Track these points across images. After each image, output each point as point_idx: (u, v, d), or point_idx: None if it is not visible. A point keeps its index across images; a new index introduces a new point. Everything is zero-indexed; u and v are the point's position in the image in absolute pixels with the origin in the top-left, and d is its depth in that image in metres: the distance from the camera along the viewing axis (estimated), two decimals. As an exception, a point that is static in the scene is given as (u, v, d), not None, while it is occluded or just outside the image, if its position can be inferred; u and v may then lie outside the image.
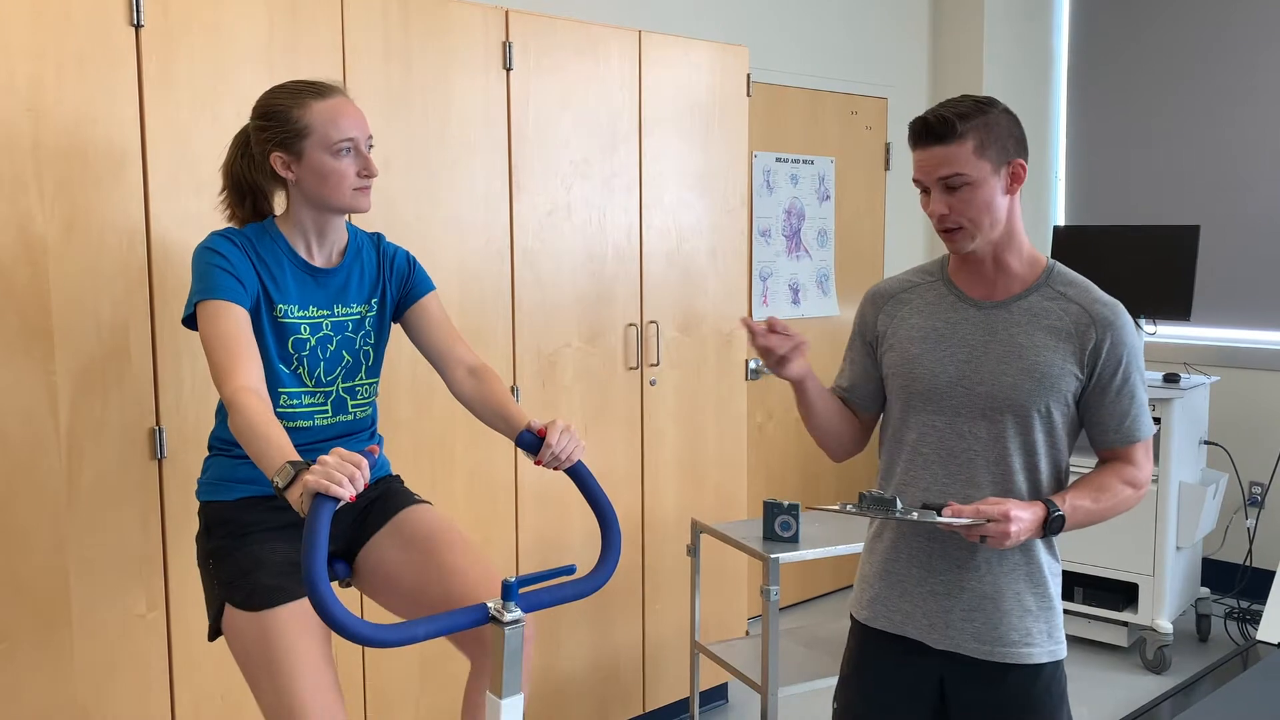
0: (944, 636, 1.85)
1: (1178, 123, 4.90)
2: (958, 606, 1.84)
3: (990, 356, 1.81)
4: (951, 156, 1.74)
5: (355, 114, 1.92)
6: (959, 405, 1.83)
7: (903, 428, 1.90)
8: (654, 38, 3.21)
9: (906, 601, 1.89)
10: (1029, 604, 1.83)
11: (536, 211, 2.97)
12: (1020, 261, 1.85)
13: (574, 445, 1.89)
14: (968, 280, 1.88)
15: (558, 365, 3.05)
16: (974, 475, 1.82)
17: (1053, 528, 1.75)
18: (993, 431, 1.81)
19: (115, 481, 2.28)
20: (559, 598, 1.71)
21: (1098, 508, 1.80)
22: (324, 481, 1.52)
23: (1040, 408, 1.79)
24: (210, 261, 1.86)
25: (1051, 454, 1.83)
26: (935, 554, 1.86)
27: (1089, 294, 1.82)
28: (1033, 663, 1.83)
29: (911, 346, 1.88)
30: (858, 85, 4.80)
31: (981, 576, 1.83)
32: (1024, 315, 1.82)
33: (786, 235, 4.54)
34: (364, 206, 1.95)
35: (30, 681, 2.19)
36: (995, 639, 1.83)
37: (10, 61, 2.10)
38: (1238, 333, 4.77)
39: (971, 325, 1.84)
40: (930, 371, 1.85)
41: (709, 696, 3.69)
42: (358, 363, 2.05)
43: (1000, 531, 1.69)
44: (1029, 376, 1.78)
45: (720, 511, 3.51)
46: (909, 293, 1.94)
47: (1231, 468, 4.64)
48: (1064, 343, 1.79)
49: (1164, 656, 3.94)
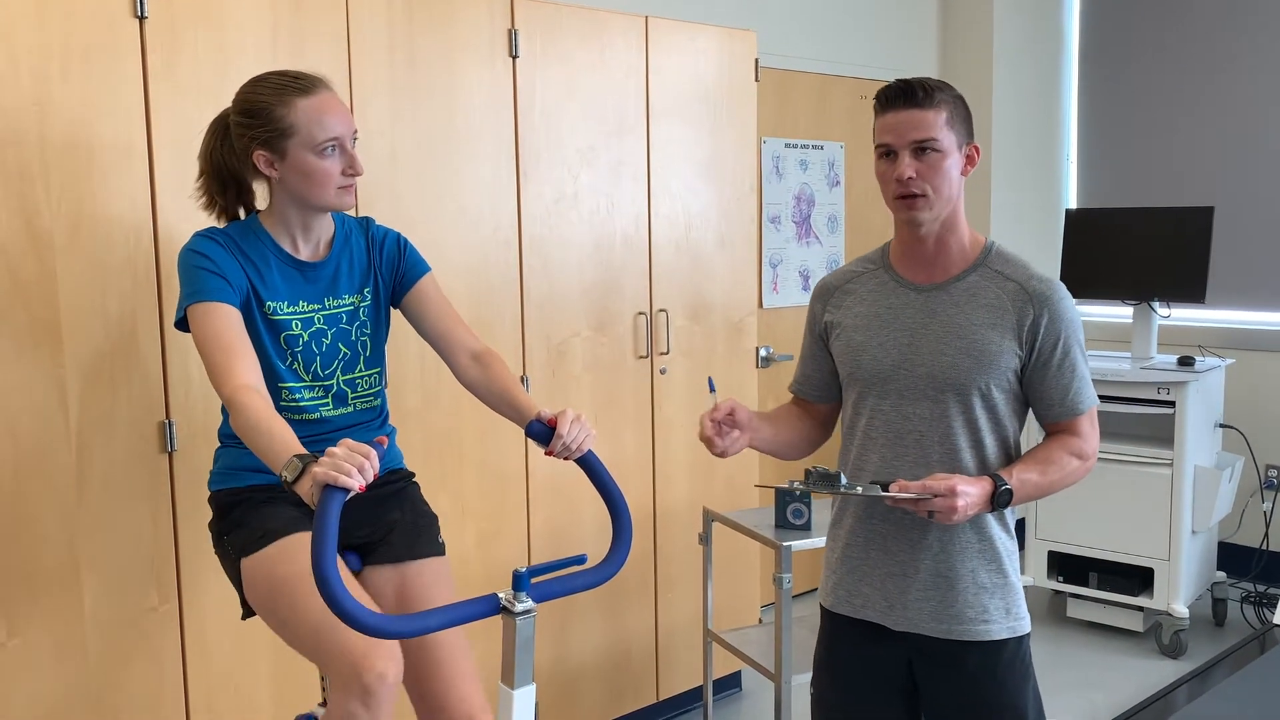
0: (902, 618, 1.88)
1: (1191, 104, 4.85)
2: (914, 587, 1.87)
3: (930, 337, 1.85)
4: (928, 121, 1.77)
5: (340, 110, 1.88)
6: (902, 387, 1.86)
7: (855, 414, 1.94)
8: (661, 23, 3.19)
9: (865, 585, 1.92)
10: (984, 581, 1.86)
11: (544, 200, 2.95)
12: (960, 244, 1.88)
13: (585, 435, 1.88)
14: (908, 265, 1.91)
15: (567, 354, 3.04)
16: (921, 455, 1.86)
17: (1000, 501, 1.78)
18: (936, 411, 1.84)
19: (126, 475, 2.28)
20: (570, 588, 1.71)
21: (1045, 480, 1.83)
22: (332, 473, 1.51)
23: (980, 385, 1.82)
24: (195, 264, 1.84)
25: (996, 430, 1.86)
26: (891, 536, 1.89)
27: (1025, 271, 1.86)
28: (991, 639, 1.86)
29: (856, 334, 1.92)
30: (867, 69, 4.76)
31: (935, 556, 1.86)
32: (962, 295, 1.86)
33: (796, 221, 4.51)
34: (348, 205, 1.92)
35: (44, 675, 2.20)
36: (951, 617, 1.86)
37: (15, 55, 2.10)
38: (1253, 315, 4.73)
39: (912, 309, 1.88)
40: (873, 357, 1.89)
41: (722, 685, 3.68)
42: (355, 355, 2.02)
43: (947, 506, 1.72)
44: (967, 355, 1.82)
45: (732, 500, 3.50)
46: (853, 283, 1.98)
47: (1247, 451, 4.60)
48: (1002, 320, 1.82)
49: (1180, 641, 3.92)
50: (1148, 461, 4.01)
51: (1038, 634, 4.19)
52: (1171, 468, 3.95)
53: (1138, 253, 4.20)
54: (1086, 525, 4.12)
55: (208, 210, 2.00)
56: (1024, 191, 5.17)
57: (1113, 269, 4.25)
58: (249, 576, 1.89)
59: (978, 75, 5.03)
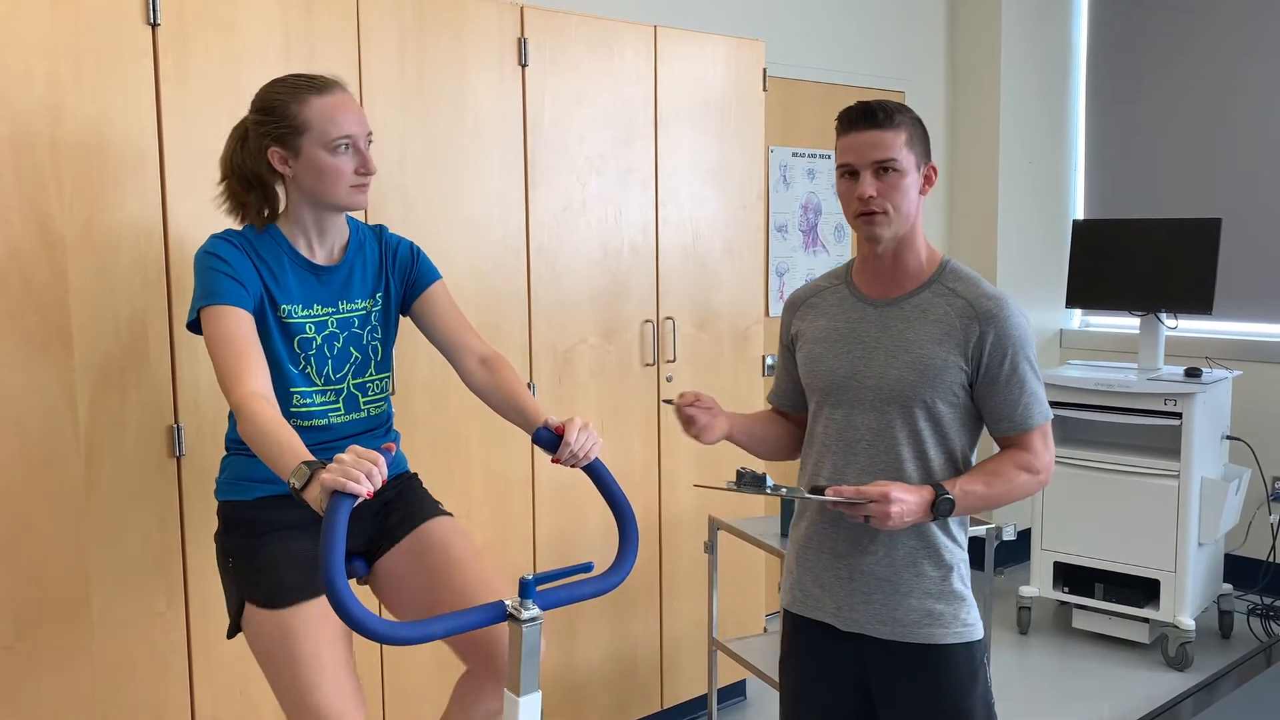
0: (850, 619, 1.93)
1: (1198, 116, 4.85)
2: (859, 590, 1.92)
3: (880, 351, 1.91)
4: (889, 141, 1.83)
5: (354, 110, 1.90)
6: (853, 399, 1.92)
7: (813, 421, 2.01)
8: (669, 33, 3.20)
9: (818, 586, 1.98)
10: (929, 588, 1.90)
11: (552, 207, 2.96)
12: (917, 260, 1.94)
13: (592, 443, 1.88)
14: (868, 281, 1.97)
15: (574, 362, 3.05)
16: (869, 464, 1.91)
17: (940, 510, 1.82)
18: (881, 422, 1.90)
19: (134, 479, 2.28)
20: (577, 595, 1.71)
21: (991, 492, 1.87)
22: (341, 479, 1.52)
23: (924, 398, 1.87)
24: (211, 266, 1.85)
25: (942, 443, 1.90)
26: (840, 540, 1.94)
27: (976, 288, 1.90)
28: (936, 643, 1.89)
29: (815, 346, 1.99)
30: (874, 79, 4.77)
31: (879, 560, 1.91)
32: (913, 311, 1.91)
33: (803, 230, 4.52)
34: (361, 204, 1.94)
35: (51, 678, 2.20)
36: (895, 620, 1.90)
37: (28, 60, 2.11)
38: (1260, 327, 4.72)
39: (868, 323, 1.94)
40: (828, 368, 1.95)
41: (727, 693, 3.68)
42: (366, 359, 2.03)
43: (881, 512, 1.77)
44: (912, 369, 1.87)
45: (737, 508, 3.50)
46: (818, 297, 2.05)
47: (1254, 463, 4.59)
48: (948, 336, 1.87)
49: (1186, 653, 3.91)
50: (1154, 473, 4.00)
51: (1043, 644, 4.18)
52: (1178, 479, 3.94)
53: (1145, 264, 4.19)
54: (1092, 536, 4.11)
55: (231, 215, 2.01)
56: (1031, 202, 5.16)
57: (1120, 280, 4.24)
58: (254, 624, 1.89)
59: (985, 85, 5.04)
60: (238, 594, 1.93)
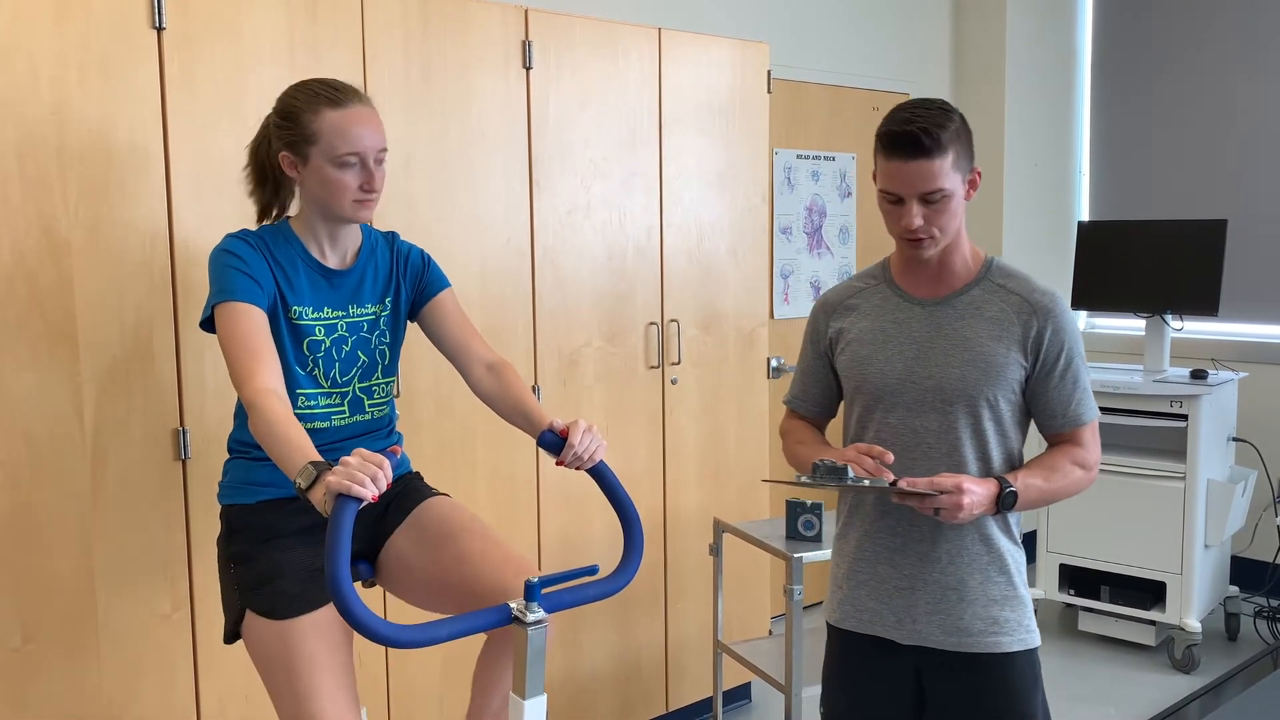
0: (911, 632, 1.88)
1: (1204, 116, 4.84)
2: (922, 600, 1.87)
3: (937, 351, 1.87)
4: (937, 171, 1.75)
5: (368, 126, 1.89)
6: (910, 400, 1.87)
7: (860, 427, 1.95)
8: (674, 35, 3.20)
9: (873, 600, 1.92)
10: (994, 594, 1.87)
11: (557, 210, 2.96)
12: (962, 259, 1.90)
13: (596, 445, 1.89)
14: (912, 280, 1.93)
15: (579, 364, 3.05)
16: (929, 467, 1.86)
17: (1005, 503, 1.80)
18: (943, 423, 1.86)
19: (140, 482, 2.29)
20: (582, 598, 1.71)
21: (1050, 486, 1.85)
22: (346, 482, 1.52)
23: (987, 397, 1.84)
24: (226, 264, 1.86)
25: (1002, 442, 1.88)
26: (898, 549, 1.89)
27: (1028, 284, 1.88)
28: (1001, 652, 1.86)
29: (861, 348, 1.93)
30: (879, 81, 4.77)
31: (944, 568, 1.86)
32: (967, 309, 1.87)
33: (808, 232, 4.51)
34: (365, 218, 1.94)
35: (57, 681, 2.20)
36: (961, 630, 1.86)
37: (34, 65, 2.11)
38: (1266, 328, 4.71)
39: (918, 323, 1.90)
40: (880, 370, 1.90)
41: (732, 696, 3.67)
42: (373, 363, 2.04)
43: (953, 503, 1.73)
44: (974, 367, 1.84)
45: (742, 510, 3.50)
46: (856, 298, 1.99)
47: (1260, 464, 4.58)
48: (1006, 332, 1.85)
49: (1192, 656, 3.90)
50: (1160, 475, 3.99)
51: (1049, 647, 4.17)
52: (1184, 481, 3.93)
53: (1150, 266, 4.19)
54: (1098, 538, 4.10)
55: (250, 197, 2.04)
56: (1037, 204, 5.16)
57: (1125, 282, 4.23)
58: (254, 632, 1.89)
59: (990, 87, 5.03)
60: (239, 600, 1.93)
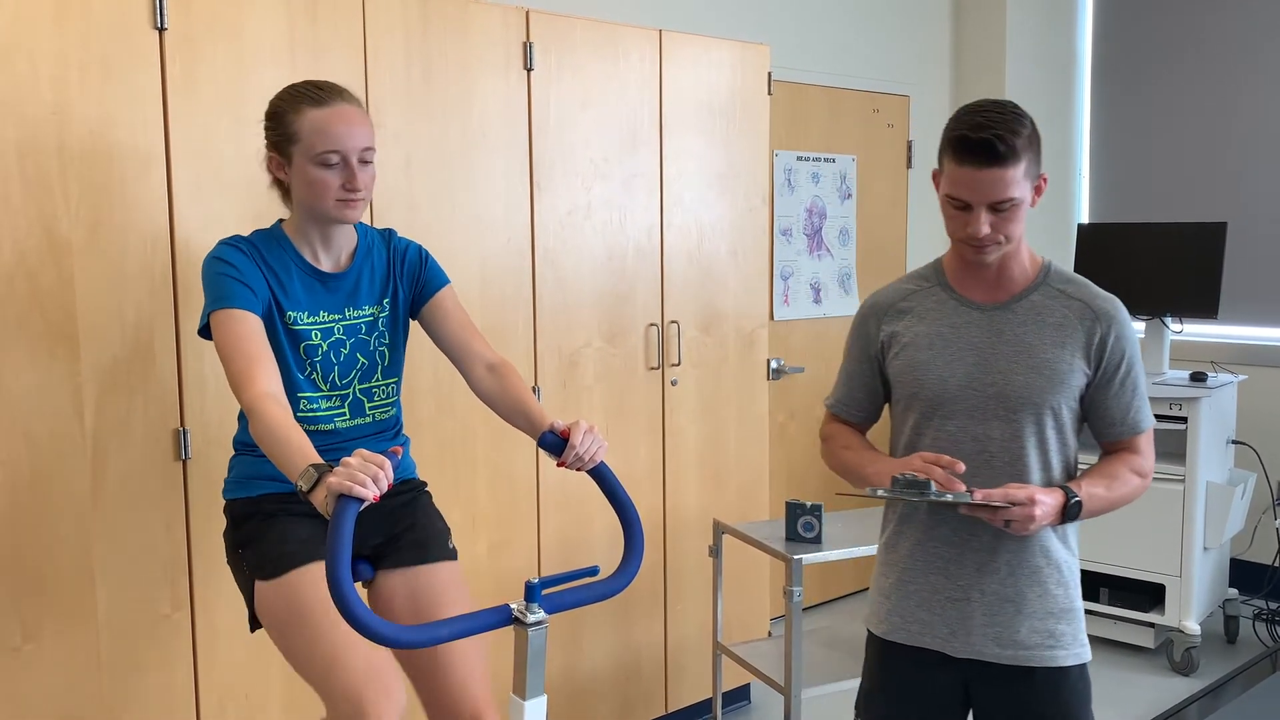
0: (965, 644, 1.84)
1: (1204, 118, 4.85)
2: (978, 611, 1.83)
3: (999, 357, 1.82)
4: (1009, 180, 1.71)
5: (350, 125, 1.87)
6: (971, 408, 1.82)
7: (916, 436, 1.88)
8: (675, 37, 3.20)
9: (924, 611, 1.87)
10: (1051, 606, 1.82)
11: (557, 211, 2.96)
12: (1020, 263, 1.86)
13: (597, 446, 1.88)
14: (968, 283, 1.88)
15: (579, 365, 3.05)
16: (990, 476, 1.81)
17: (1071, 514, 1.76)
18: (1007, 432, 1.81)
19: (140, 482, 2.29)
20: (582, 599, 1.71)
21: (1111, 495, 1.81)
22: (347, 483, 1.52)
23: (1052, 405, 1.80)
24: (219, 271, 1.86)
25: (1062, 450, 1.84)
26: (954, 560, 1.84)
27: (1088, 290, 1.84)
28: (1057, 665, 1.81)
29: (918, 353, 1.87)
30: (879, 83, 4.77)
31: (1003, 580, 1.82)
32: (1028, 314, 1.83)
33: (808, 234, 4.52)
34: (350, 218, 1.92)
35: (57, 681, 2.21)
36: (1017, 643, 1.81)
37: (35, 65, 2.12)
38: (1265, 331, 4.71)
39: (976, 328, 1.84)
40: (939, 376, 1.84)
41: (731, 697, 3.67)
42: (373, 364, 2.04)
43: (1025, 515, 1.69)
44: (1039, 374, 1.79)
45: (742, 512, 3.50)
46: (908, 300, 1.92)
47: (1260, 467, 4.58)
48: (1070, 339, 1.80)
49: (1192, 658, 3.90)
50: (1160, 477, 3.99)
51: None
52: (1183, 484, 3.93)
53: (1150, 268, 4.19)
54: (1098, 541, 4.10)
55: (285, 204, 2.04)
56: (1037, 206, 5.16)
57: (1125, 284, 4.24)
58: (263, 600, 1.90)
59: (990, 88, 5.04)
60: (249, 579, 1.93)
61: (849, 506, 4.75)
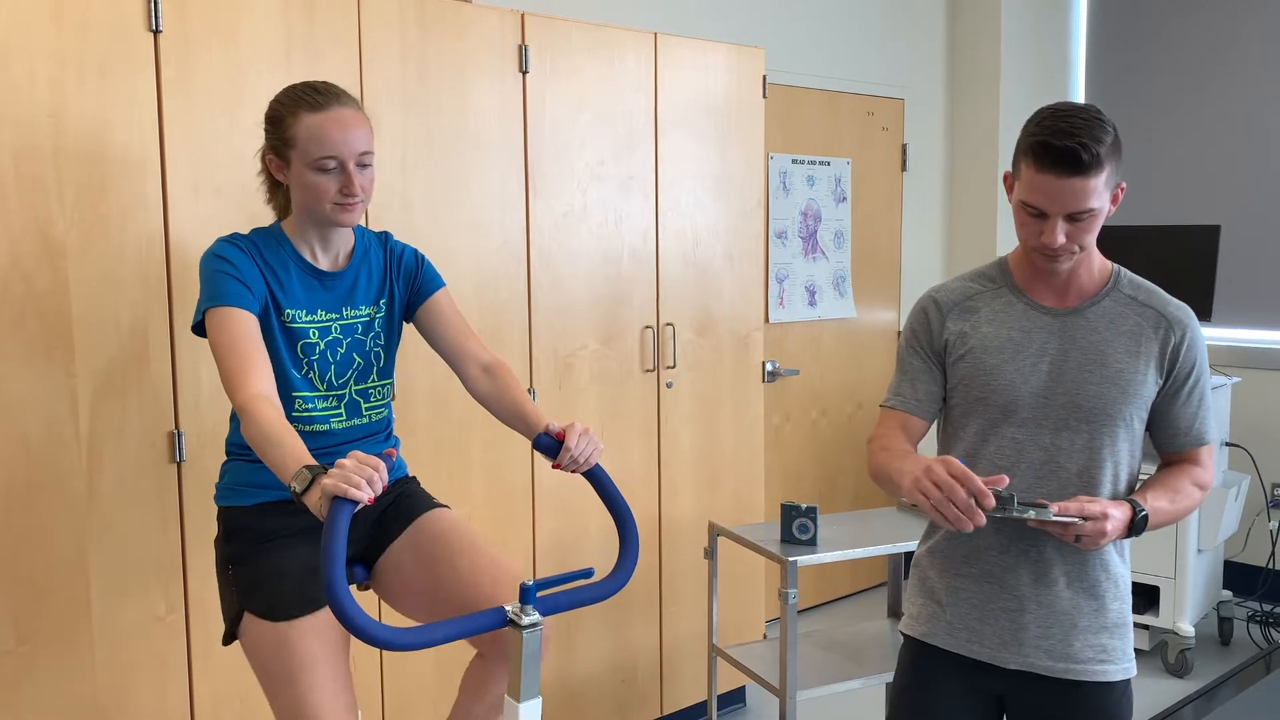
0: (1016, 655, 1.80)
1: (1198, 121, 4.86)
2: (1033, 623, 1.79)
3: (1071, 364, 1.76)
4: (1090, 190, 1.63)
5: (348, 129, 1.86)
6: (1040, 417, 1.77)
7: (979, 442, 1.82)
8: (670, 40, 3.21)
9: (974, 619, 1.83)
10: (1105, 620, 1.79)
11: (553, 213, 2.97)
12: (1088, 268, 1.80)
13: (592, 448, 1.89)
14: (1038, 287, 1.82)
15: (574, 367, 3.05)
16: (1058, 486, 1.77)
17: (1138, 528, 1.71)
18: (1079, 441, 1.76)
19: (135, 485, 2.29)
20: (577, 601, 1.71)
21: (1174, 509, 1.76)
22: (342, 485, 1.52)
23: (1125, 416, 1.75)
24: (217, 268, 1.86)
25: (1130, 460, 1.80)
26: (1009, 569, 1.80)
27: (1161, 296, 1.80)
28: (1106, 680, 1.78)
29: (987, 357, 1.80)
30: (874, 86, 4.78)
31: (1059, 592, 1.78)
32: (1101, 321, 1.78)
33: (803, 237, 4.52)
34: (348, 222, 1.92)
35: (51, 683, 2.20)
36: (1069, 656, 1.78)
37: (31, 67, 2.11)
38: (1259, 333, 4.73)
39: (1047, 333, 1.78)
40: (1010, 383, 1.77)
41: (727, 700, 3.68)
42: (369, 365, 2.04)
43: (1097, 530, 1.64)
44: (1114, 384, 1.74)
45: (737, 514, 3.50)
46: (975, 300, 1.85)
47: (1253, 469, 4.59)
48: (1144, 348, 1.76)
49: (1185, 660, 3.91)
50: (1154, 479, 4.00)
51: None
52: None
53: (1143, 270, 4.20)
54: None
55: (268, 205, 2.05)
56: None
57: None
58: (251, 634, 1.89)
59: (985, 91, 5.05)
60: (236, 602, 1.93)
61: (847, 508, 4.75)
